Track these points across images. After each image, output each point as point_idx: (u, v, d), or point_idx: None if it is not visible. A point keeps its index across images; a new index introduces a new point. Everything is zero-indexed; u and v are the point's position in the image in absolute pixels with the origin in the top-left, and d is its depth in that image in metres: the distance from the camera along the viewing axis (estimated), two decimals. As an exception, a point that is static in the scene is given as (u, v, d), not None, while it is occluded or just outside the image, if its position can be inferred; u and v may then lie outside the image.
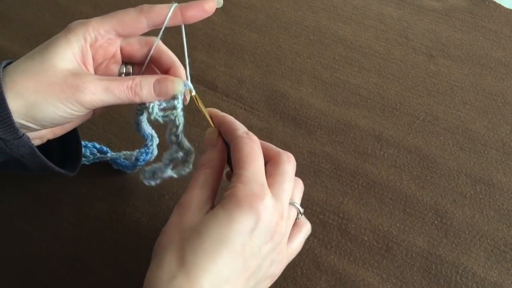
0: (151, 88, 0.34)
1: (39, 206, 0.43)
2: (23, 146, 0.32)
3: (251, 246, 0.29)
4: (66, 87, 0.31)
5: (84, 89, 0.31)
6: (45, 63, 0.31)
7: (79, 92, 0.31)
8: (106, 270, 0.39)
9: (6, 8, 0.61)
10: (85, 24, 0.33)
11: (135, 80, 0.33)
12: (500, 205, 0.44)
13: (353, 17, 0.60)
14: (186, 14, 0.34)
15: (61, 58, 0.32)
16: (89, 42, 0.33)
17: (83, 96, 0.31)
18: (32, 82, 0.31)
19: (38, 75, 0.31)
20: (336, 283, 0.39)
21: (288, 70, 0.54)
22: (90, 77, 0.32)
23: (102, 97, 0.32)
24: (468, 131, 0.49)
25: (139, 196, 0.44)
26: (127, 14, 0.33)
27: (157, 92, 0.34)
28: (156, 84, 0.34)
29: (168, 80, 0.34)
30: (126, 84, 0.33)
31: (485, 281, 0.39)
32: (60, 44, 0.32)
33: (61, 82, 0.31)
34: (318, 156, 0.47)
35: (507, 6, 0.62)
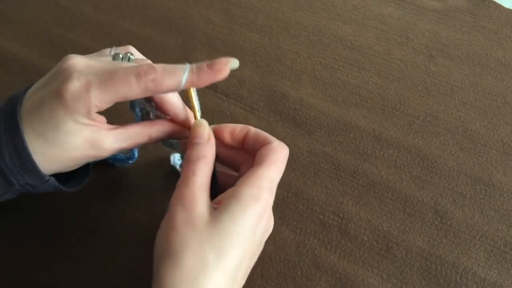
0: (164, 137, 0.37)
1: (39, 206, 0.43)
2: (48, 187, 0.34)
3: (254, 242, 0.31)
4: (88, 158, 0.34)
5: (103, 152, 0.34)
6: (61, 145, 0.32)
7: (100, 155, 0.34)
8: (106, 270, 0.39)
9: (6, 8, 0.61)
10: (85, 102, 0.31)
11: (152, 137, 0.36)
12: (500, 205, 0.44)
13: (353, 17, 0.60)
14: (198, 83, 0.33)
15: (75, 136, 0.32)
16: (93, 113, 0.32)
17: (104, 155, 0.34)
18: (57, 163, 0.33)
19: (60, 157, 0.32)
20: (336, 283, 0.39)
21: (288, 70, 0.54)
22: (107, 143, 0.33)
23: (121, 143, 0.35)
24: (468, 131, 0.49)
25: (139, 196, 0.44)
26: (131, 91, 0.31)
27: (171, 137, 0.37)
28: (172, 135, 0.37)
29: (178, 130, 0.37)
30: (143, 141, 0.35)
31: (485, 281, 0.39)
32: (69, 126, 0.31)
33: (83, 156, 0.33)
34: (318, 156, 0.47)
35: (507, 6, 0.62)
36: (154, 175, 0.45)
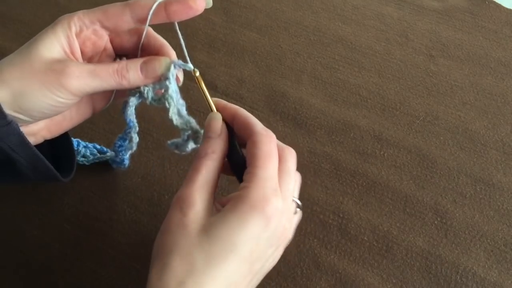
0: (138, 70, 0.33)
1: (39, 206, 0.43)
2: (12, 134, 0.31)
3: (258, 251, 0.29)
4: (50, 71, 0.30)
5: (68, 73, 0.30)
6: (31, 53, 0.31)
7: (63, 76, 0.30)
8: (106, 270, 0.39)
9: (6, 8, 0.61)
10: (71, 15, 0.32)
11: (121, 63, 0.32)
12: (500, 205, 0.44)
13: (353, 17, 0.60)
14: (170, 8, 0.32)
15: (47, 48, 0.31)
16: (74, 32, 0.32)
17: (68, 80, 0.30)
18: (17, 70, 0.30)
19: (23, 63, 0.30)
20: (336, 283, 0.39)
21: (288, 70, 0.54)
22: (74, 62, 0.31)
23: (88, 81, 0.31)
24: (468, 131, 0.49)
25: (139, 196, 0.44)
26: (112, 6, 0.32)
27: (145, 73, 0.33)
28: (143, 65, 0.33)
29: (155, 59, 0.33)
30: (112, 67, 0.32)
31: (485, 281, 0.39)
32: (47, 36, 0.31)
33: (45, 68, 0.30)
34: (318, 156, 0.47)
35: (507, 6, 0.62)
36: (154, 175, 0.45)
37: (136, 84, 0.33)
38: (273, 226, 0.29)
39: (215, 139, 0.32)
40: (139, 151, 0.46)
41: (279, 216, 0.29)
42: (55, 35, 0.32)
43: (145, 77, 0.33)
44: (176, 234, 0.28)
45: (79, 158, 0.44)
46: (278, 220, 0.29)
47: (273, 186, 0.30)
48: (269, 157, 0.31)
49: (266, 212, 0.29)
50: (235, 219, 0.28)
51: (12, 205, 0.43)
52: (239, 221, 0.28)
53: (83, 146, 0.44)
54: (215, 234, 0.28)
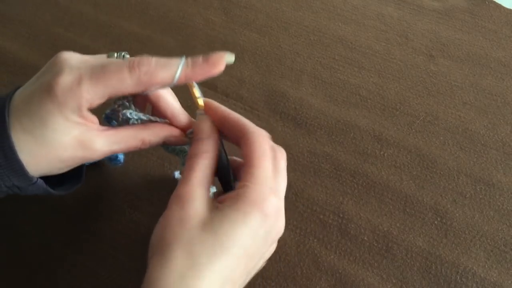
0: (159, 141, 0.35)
1: (39, 206, 0.43)
2: (37, 189, 0.32)
3: (254, 248, 0.29)
4: (77, 160, 0.32)
5: (94, 157, 0.32)
6: (50, 143, 0.30)
7: (90, 157, 0.32)
8: (106, 270, 0.39)
9: (6, 8, 0.61)
10: (76, 96, 0.30)
11: (145, 142, 0.34)
12: (500, 205, 0.44)
13: (353, 17, 0.60)
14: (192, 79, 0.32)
15: (64, 134, 0.30)
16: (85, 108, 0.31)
17: (93, 159, 0.33)
18: (44, 163, 0.31)
19: (48, 157, 0.31)
20: (336, 283, 0.39)
21: (288, 70, 0.54)
22: (98, 144, 0.32)
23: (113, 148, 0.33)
24: (468, 131, 0.49)
25: (139, 196, 0.44)
26: (123, 84, 0.30)
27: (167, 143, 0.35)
28: (166, 141, 0.35)
29: (175, 136, 0.35)
30: (136, 145, 0.34)
31: (485, 281, 0.39)
32: (58, 122, 0.30)
33: (72, 157, 0.31)
34: (318, 156, 0.47)
35: (507, 6, 0.62)
36: (154, 175, 0.45)
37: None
38: (270, 223, 0.30)
39: (206, 140, 0.33)
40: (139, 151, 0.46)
41: (275, 214, 0.30)
42: (67, 119, 0.30)
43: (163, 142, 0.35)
44: (176, 229, 0.29)
45: None
46: (275, 218, 0.30)
47: (270, 185, 0.30)
48: (265, 156, 0.31)
49: (264, 210, 0.29)
50: (235, 216, 0.29)
51: (12, 205, 0.43)
52: (239, 218, 0.29)
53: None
54: (215, 229, 0.28)
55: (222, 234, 0.28)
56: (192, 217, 0.29)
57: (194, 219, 0.29)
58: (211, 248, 0.28)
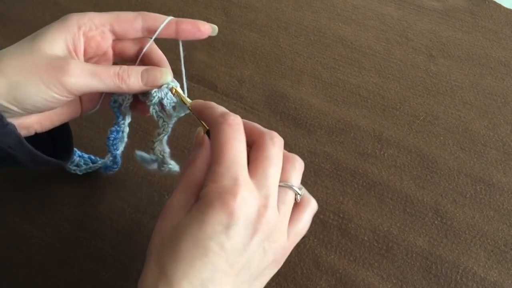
0: (138, 77, 0.33)
1: (39, 206, 0.43)
2: (9, 135, 0.31)
3: (231, 243, 0.28)
4: (50, 67, 0.30)
5: (68, 71, 0.31)
6: (33, 46, 0.31)
7: (63, 73, 0.30)
8: (106, 270, 0.39)
9: (6, 8, 0.61)
10: (82, 14, 0.33)
11: (123, 67, 0.33)
12: (500, 205, 0.43)
13: (353, 17, 0.60)
14: (181, 26, 0.34)
15: (50, 43, 0.31)
16: (82, 30, 0.33)
17: (67, 78, 0.30)
18: (16, 62, 0.30)
19: (23, 56, 0.31)
20: (336, 283, 0.39)
21: (288, 70, 0.54)
22: (75, 61, 0.32)
23: (88, 81, 0.31)
24: (468, 131, 0.49)
25: (139, 196, 0.44)
26: (125, 12, 0.34)
27: (145, 81, 0.34)
28: (144, 72, 0.34)
29: (156, 69, 0.34)
30: (113, 70, 0.32)
31: (485, 281, 0.39)
32: (52, 31, 0.32)
33: (46, 63, 0.31)
34: (318, 156, 0.47)
35: (507, 6, 0.62)
36: (154, 175, 0.45)
37: (134, 90, 0.34)
38: (240, 216, 0.28)
39: (199, 147, 0.32)
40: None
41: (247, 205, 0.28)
42: (61, 31, 0.32)
43: (144, 84, 0.34)
44: (155, 240, 0.29)
45: (71, 166, 0.43)
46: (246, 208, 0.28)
47: (232, 176, 0.28)
48: (226, 146, 0.29)
49: (226, 203, 0.27)
50: (196, 218, 0.28)
51: (12, 205, 0.43)
52: (199, 219, 0.28)
53: (78, 156, 0.44)
54: (180, 232, 0.28)
55: (185, 236, 0.27)
56: (167, 225, 0.29)
57: (167, 228, 0.29)
58: (177, 253, 0.27)
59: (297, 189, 0.33)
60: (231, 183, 0.28)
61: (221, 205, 0.27)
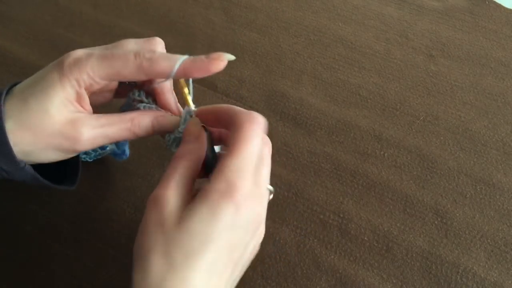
0: (148, 128, 0.34)
1: (39, 206, 0.43)
2: (25, 174, 0.33)
3: (235, 238, 0.29)
4: (62, 139, 0.32)
5: (80, 141, 0.32)
6: (40, 113, 0.31)
7: (76, 144, 0.32)
8: (106, 270, 0.39)
9: (6, 8, 0.61)
10: (80, 69, 0.31)
11: (134, 122, 0.34)
12: (500, 205, 0.43)
13: (353, 17, 0.60)
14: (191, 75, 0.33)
15: (56, 105, 0.31)
16: (83, 87, 0.32)
17: (79, 147, 0.32)
18: (29, 135, 0.31)
19: (35, 127, 0.31)
20: (336, 283, 0.39)
21: (288, 70, 0.54)
22: (86, 127, 0.32)
23: (99, 143, 0.33)
24: (468, 131, 0.49)
25: (139, 196, 0.44)
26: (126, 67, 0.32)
27: (156, 130, 0.35)
28: (155, 124, 0.35)
29: (166, 119, 0.35)
30: (125, 127, 0.33)
31: (485, 281, 0.39)
32: (55, 92, 0.31)
33: (57, 134, 0.31)
34: (318, 156, 0.47)
35: (507, 6, 0.62)
36: (154, 175, 0.45)
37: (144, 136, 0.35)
38: (244, 212, 0.29)
39: (192, 142, 0.33)
40: (139, 151, 0.46)
41: (249, 202, 0.29)
42: (63, 90, 0.31)
43: (154, 132, 0.35)
44: (153, 233, 0.29)
45: (81, 155, 0.44)
46: (249, 205, 0.29)
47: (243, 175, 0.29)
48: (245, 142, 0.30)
49: (235, 199, 0.28)
50: (206, 210, 0.28)
51: (12, 205, 0.43)
52: (211, 213, 0.28)
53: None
54: (190, 227, 0.28)
55: (195, 231, 0.28)
56: (167, 219, 0.29)
57: (169, 220, 0.29)
58: (187, 247, 0.27)
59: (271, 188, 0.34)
60: (240, 181, 0.29)
61: (231, 200, 0.28)
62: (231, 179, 0.29)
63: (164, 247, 0.28)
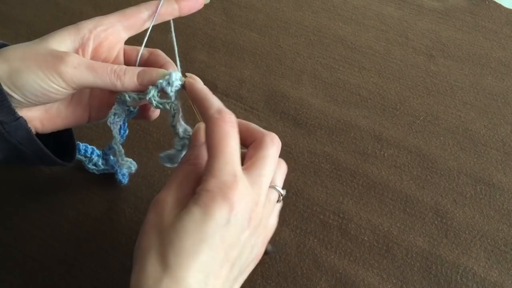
0: (134, 75, 0.34)
1: (39, 206, 0.43)
2: (20, 128, 0.32)
3: (229, 237, 0.29)
4: (49, 57, 0.32)
5: (66, 61, 0.31)
6: (40, 42, 0.33)
7: (61, 63, 0.31)
8: (106, 270, 0.39)
9: (6, 8, 0.61)
10: (90, 19, 0.34)
11: (120, 66, 0.34)
12: (500, 205, 0.43)
13: (353, 17, 0.60)
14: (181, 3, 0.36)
15: (58, 41, 0.33)
16: (93, 34, 0.34)
17: (64, 67, 0.31)
18: (20, 52, 0.32)
19: (29, 47, 0.32)
20: (336, 283, 0.39)
21: (288, 70, 0.54)
22: (76, 55, 0.33)
23: (84, 74, 0.32)
24: (468, 131, 0.49)
25: (139, 196, 0.44)
26: (128, 8, 0.36)
27: (140, 79, 0.34)
28: (140, 72, 0.34)
29: (153, 69, 0.35)
30: (111, 67, 0.33)
31: (485, 281, 0.39)
32: (62, 32, 0.33)
33: (48, 53, 0.32)
34: (318, 156, 0.47)
35: (507, 6, 0.62)
36: (154, 175, 0.45)
37: (129, 89, 0.34)
38: (238, 210, 0.29)
39: (198, 147, 0.33)
40: (139, 151, 0.46)
41: (244, 200, 0.29)
42: (70, 33, 0.33)
43: (140, 83, 0.34)
44: (150, 235, 0.29)
45: (90, 165, 0.44)
46: (244, 204, 0.29)
47: (231, 172, 0.29)
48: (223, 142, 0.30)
49: (227, 197, 0.28)
50: (199, 212, 0.28)
51: (12, 205, 0.43)
52: (203, 213, 0.28)
53: (97, 155, 0.44)
54: (182, 227, 0.28)
55: (188, 231, 0.28)
56: (164, 220, 0.29)
57: (166, 222, 0.29)
58: (180, 247, 0.28)
59: (281, 191, 0.35)
60: (231, 179, 0.29)
61: (223, 199, 0.28)
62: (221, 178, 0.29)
63: (159, 248, 0.28)
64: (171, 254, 0.28)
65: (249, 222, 0.30)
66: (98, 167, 0.44)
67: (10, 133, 0.32)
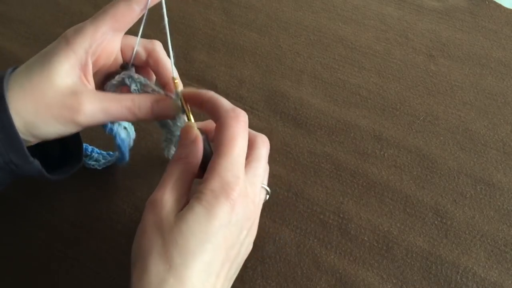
0: (148, 110, 0.34)
1: (39, 206, 0.43)
2: (33, 169, 0.33)
3: (230, 237, 0.30)
4: (64, 109, 0.31)
5: (81, 112, 0.32)
6: (43, 79, 0.31)
7: (77, 114, 0.32)
8: (106, 270, 0.39)
9: (6, 8, 0.61)
10: (82, 34, 0.32)
11: (135, 102, 0.34)
12: (500, 205, 0.43)
13: (353, 17, 0.60)
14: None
15: (60, 74, 0.32)
16: (89, 53, 0.33)
17: (81, 117, 0.32)
18: (31, 103, 0.31)
19: (36, 95, 0.31)
20: (336, 283, 0.39)
21: (288, 70, 0.54)
22: (88, 99, 0.32)
23: (100, 118, 0.33)
24: (468, 131, 0.49)
25: (139, 196, 0.44)
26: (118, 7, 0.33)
27: (156, 114, 0.34)
28: (154, 105, 0.34)
29: (166, 103, 0.35)
30: (125, 105, 0.33)
31: (485, 281, 0.39)
32: (60, 59, 0.32)
33: (59, 104, 0.31)
34: (318, 156, 0.47)
35: (507, 6, 0.62)
36: (154, 175, 0.45)
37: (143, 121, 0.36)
38: (239, 210, 0.29)
39: (188, 145, 0.33)
40: (139, 151, 0.46)
41: (244, 200, 0.30)
42: (68, 58, 0.32)
43: (154, 117, 0.35)
44: (151, 235, 0.29)
45: (91, 162, 0.44)
46: (244, 204, 0.30)
47: (235, 173, 0.30)
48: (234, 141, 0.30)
49: (230, 198, 0.29)
50: (202, 210, 0.28)
51: (12, 205, 0.43)
52: (207, 213, 0.28)
53: (96, 152, 0.45)
54: (187, 227, 0.28)
55: (192, 231, 0.28)
56: (165, 220, 0.29)
57: (167, 222, 0.29)
58: (185, 247, 0.28)
59: (268, 189, 0.36)
60: (234, 179, 0.29)
61: (226, 199, 0.29)
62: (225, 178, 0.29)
63: (162, 248, 0.28)
64: (175, 254, 0.28)
65: (247, 222, 0.31)
66: (98, 161, 0.44)
67: (22, 172, 0.33)
